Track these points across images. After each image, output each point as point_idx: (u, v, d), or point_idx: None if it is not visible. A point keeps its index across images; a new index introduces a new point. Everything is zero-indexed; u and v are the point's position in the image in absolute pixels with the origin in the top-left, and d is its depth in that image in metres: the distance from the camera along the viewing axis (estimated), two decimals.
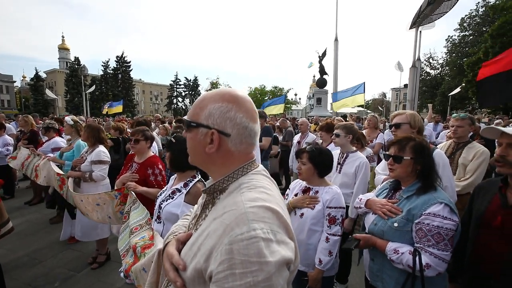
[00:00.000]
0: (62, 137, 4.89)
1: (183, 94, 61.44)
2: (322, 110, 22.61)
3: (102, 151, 3.08)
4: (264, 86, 46.48)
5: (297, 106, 68.73)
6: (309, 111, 37.04)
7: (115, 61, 52.37)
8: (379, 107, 52.21)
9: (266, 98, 44.84)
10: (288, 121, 9.44)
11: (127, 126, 6.18)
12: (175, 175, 1.86)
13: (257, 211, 0.63)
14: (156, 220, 1.72)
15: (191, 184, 1.74)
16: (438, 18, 7.35)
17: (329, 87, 22.79)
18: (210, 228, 0.67)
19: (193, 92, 60.26)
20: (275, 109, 11.36)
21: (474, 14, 30.98)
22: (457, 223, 1.30)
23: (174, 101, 61.35)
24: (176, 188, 1.74)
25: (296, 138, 5.36)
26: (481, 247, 1.31)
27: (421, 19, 7.24)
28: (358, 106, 11.24)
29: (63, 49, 64.80)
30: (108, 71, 51.27)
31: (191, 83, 61.15)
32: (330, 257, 1.75)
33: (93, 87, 23.95)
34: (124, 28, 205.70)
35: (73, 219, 3.21)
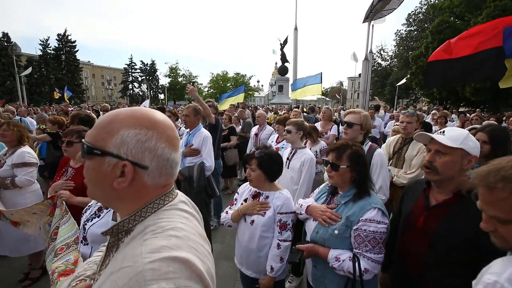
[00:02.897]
0: None
1: (140, 79, 57.06)
2: (284, 98, 23.02)
3: (26, 152, 2.65)
4: (227, 73, 45.35)
5: (260, 93, 69.03)
6: (271, 98, 37.40)
7: (57, 40, 45.81)
8: (337, 95, 54.95)
9: (229, 84, 43.95)
10: (248, 109, 9.40)
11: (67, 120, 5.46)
12: None
13: (159, 267, 0.53)
14: (82, 242, 1.51)
15: None
16: (388, 14, 7.80)
17: (290, 75, 23.19)
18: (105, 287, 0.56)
19: (150, 77, 56.20)
20: (236, 100, 11.17)
21: (418, 11, 33.75)
22: (388, 225, 1.40)
23: (130, 86, 56.75)
24: None
25: (254, 130, 5.30)
26: (405, 246, 1.39)
27: (373, 14, 7.61)
28: (317, 94, 11.62)
29: None
30: (48, 51, 44.74)
31: (148, 68, 56.84)
32: (282, 263, 1.74)
33: (30, 69, 20.88)
34: (66, 2, 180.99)
35: None
